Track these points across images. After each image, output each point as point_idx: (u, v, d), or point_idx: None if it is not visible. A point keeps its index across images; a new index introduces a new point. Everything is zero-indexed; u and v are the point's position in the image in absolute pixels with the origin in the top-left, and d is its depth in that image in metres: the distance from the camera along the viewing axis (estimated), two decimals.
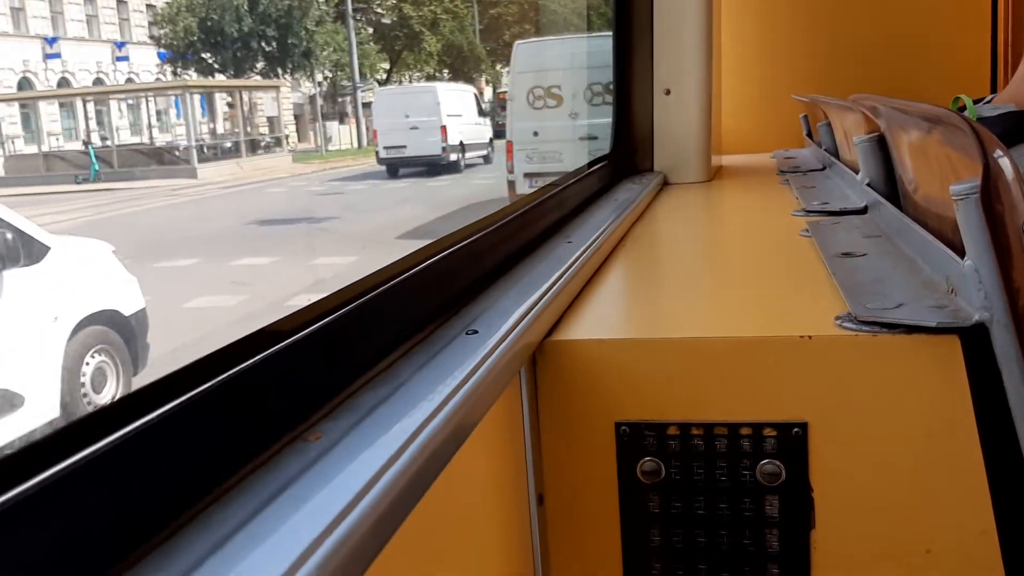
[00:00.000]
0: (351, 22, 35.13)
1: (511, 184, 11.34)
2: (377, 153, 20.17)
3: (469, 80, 43.51)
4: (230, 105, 36.69)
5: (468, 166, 20.61)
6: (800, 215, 2.02)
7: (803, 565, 1.13)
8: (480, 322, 1.12)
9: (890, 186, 1.76)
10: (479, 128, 21.60)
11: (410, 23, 42.13)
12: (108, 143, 30.40)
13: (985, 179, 0.97)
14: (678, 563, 1.17)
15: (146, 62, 35.33)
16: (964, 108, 2.31)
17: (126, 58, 33.77)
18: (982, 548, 1.07)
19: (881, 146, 1.78)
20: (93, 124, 31.53)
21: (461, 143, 20.48)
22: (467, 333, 1.08)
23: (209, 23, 33.52)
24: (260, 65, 35.47)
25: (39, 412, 5.46)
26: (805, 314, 1.21)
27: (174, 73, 33.96)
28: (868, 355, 1.09)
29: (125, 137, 32.41)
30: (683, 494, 1.15)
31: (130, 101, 33.12)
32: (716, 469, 1.13)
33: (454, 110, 20.33)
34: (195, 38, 33.64)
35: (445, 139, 19.85)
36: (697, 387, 1.14)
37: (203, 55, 34.03)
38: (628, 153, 2.93)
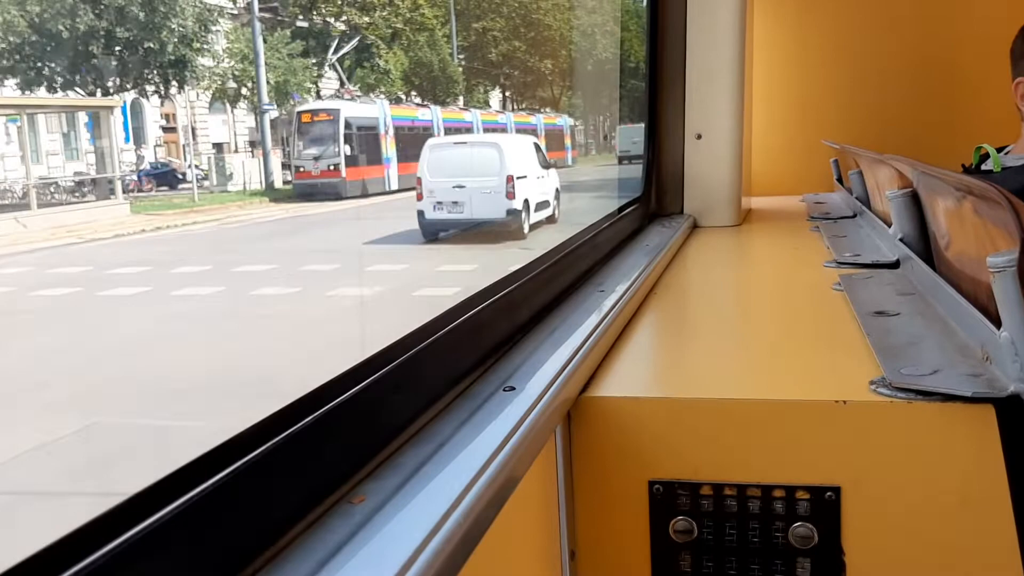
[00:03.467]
0: (257, 25, 27.77)
1: None
2: (619, 157, 34.88)
3: (442, 103, 37.39)
4: (165, 129, 29.80)
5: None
6: (832, 266, 2.02)
7: None
8: (516, 378, 1.14)
9: (922, 241, 1.77)
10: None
11: (360, 33, 34.94)
12: None
13: (1023, 253, 0.98)
14: None
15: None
16: (987, 156, 2.31)
17: None
18: None
19: (914, 201, 1.78)
20: None
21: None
22: (504, 390, 1.09)
23: (37, 19, 24.14)
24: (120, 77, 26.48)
25: (552, 212, 17.79)
26: (839, 377, 1.22)
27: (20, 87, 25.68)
28: (902, 421, 1.09)
29: None
30: (715, 554, 1.15)
31: (18, 122, 25.71)
32: (748, 530, 1.14)
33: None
34: (14, 38, 24.27)
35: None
36: (731, 448, 1.14)
37: (29, 61, 24.75)
38: (659, 196, 2.95)
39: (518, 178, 16.00)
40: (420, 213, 16.29)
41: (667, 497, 1.16)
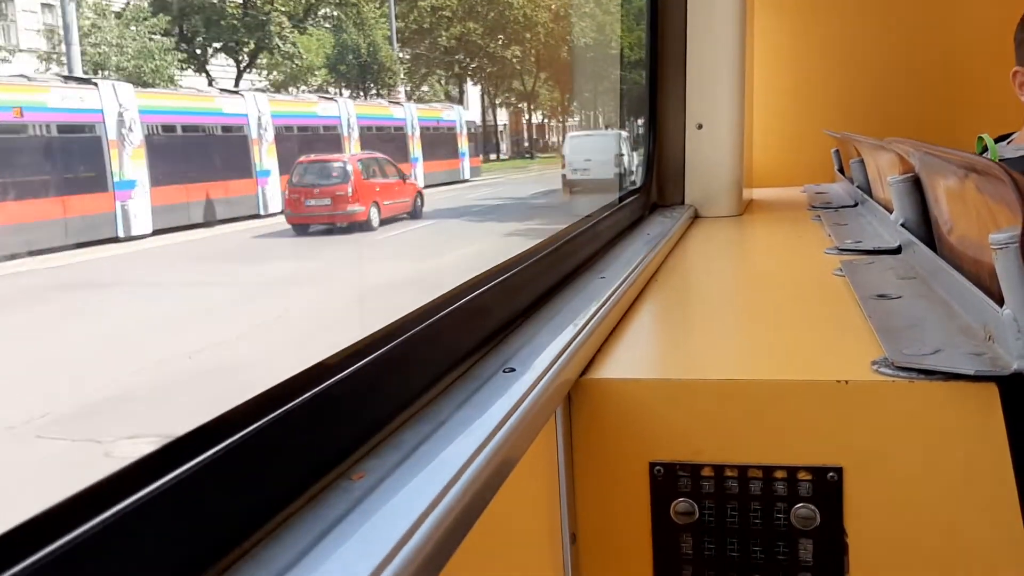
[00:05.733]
0: None
1: None
2: None
3: (374, 97, 29.39)
4: None
5: None
6: (833, 253, 2.02)
7: None
8: (517, 359, 1.13)
9: (924, 227, 1.76)
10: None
11: (256, 10, 26.79)
12: None
13: None
14: None
15: None
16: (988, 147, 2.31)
17: None
18: None
19: (916, 186, 1.78)
20: None
21: None
22: (504, 371, 1.09)
23: None
24: None
25: (635, 177, 15.06)
26: (841, 358, 1.22)
27: None
28: (905, 401, 1.09)
29: None
30: (716, 536, 1.15)
31: None
32: (750, 512, 1.13)
33: None
34: None
35: None
36: (732, 429, 1.14)
37: None
38: (660, 186, 2.95)
39: (618, 155, 23.25)
40: (563, 176, 25.21)
41: (668, 479, 1.15)
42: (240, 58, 27.82)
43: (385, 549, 0.66)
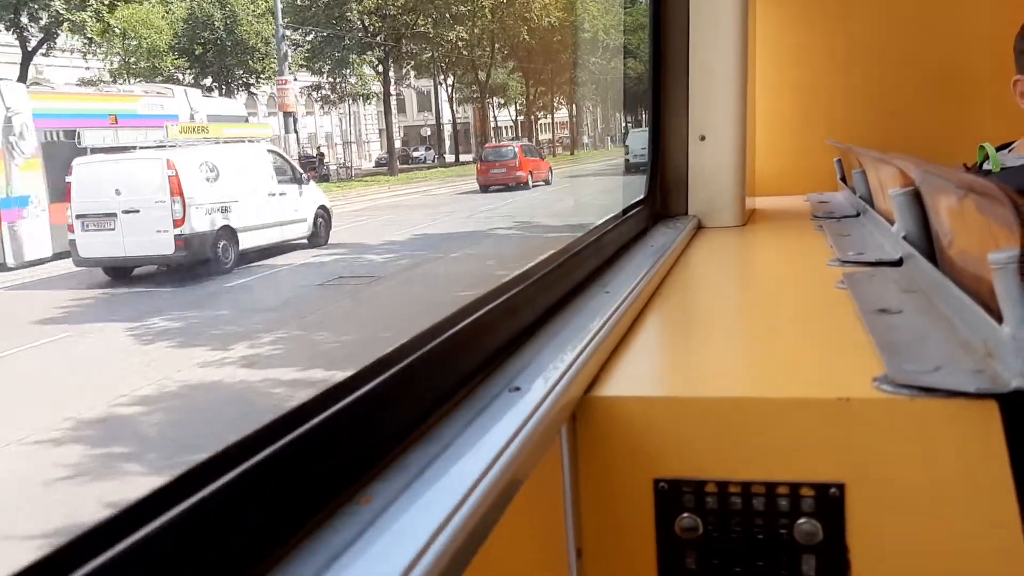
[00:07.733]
0: None
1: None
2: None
3: (234, 86, 23.64)
4: None
5: None
6: (836, 265, 2.03)
7: None
8: (522, 379, 1.15)
9: (925, 239, 1.77)
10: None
11: None
12: None
13: None
14: None
15: None
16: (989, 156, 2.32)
17: None
18: None
19: (916, 199, 1.79)
20: None
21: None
22: (510, 390, 1.10)
23: None
24: None
25: None
26: (842, 374, 1.23)
27: None
28: (906, 418, 1.10)
29: None
30: (720, 551, 1.16)
31: None
32: (753, 527, 1.15)
33: None
34: None
35: None
36: (735, 446, 1.15)
37: None
38: (663, 197, 2.96)
39: None
40: (626, 161, 33.56)
41: (672, 495, 1.17)
42: (26, 36, 19.69)
43: (395, 573, 0.68)
